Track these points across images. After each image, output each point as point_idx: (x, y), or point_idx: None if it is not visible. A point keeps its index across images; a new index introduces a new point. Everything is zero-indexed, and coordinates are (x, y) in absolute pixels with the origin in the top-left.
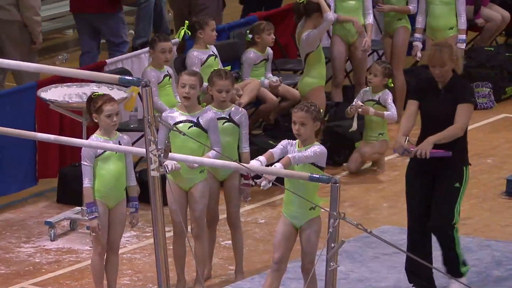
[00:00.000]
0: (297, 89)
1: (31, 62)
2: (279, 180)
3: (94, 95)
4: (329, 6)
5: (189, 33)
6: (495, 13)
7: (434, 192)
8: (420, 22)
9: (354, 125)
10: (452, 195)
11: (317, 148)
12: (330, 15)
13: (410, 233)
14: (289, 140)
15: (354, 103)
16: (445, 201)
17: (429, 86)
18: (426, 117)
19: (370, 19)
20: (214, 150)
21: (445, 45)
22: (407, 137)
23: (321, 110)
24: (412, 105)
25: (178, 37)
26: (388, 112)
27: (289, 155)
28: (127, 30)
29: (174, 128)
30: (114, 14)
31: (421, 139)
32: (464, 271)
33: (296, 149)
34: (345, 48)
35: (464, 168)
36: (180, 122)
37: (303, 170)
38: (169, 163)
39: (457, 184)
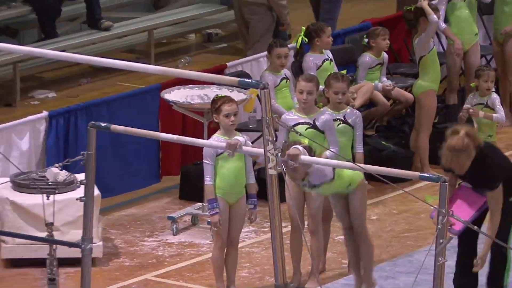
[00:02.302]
0: (410, 91)
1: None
2: (388, 178)
3: (216, 97)
4: (436, 9)
5: (306, 40)
6: None
7: None
8: None
9: (476, 126)
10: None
11: None
12: (435, 17)
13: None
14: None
15: (464, 107)
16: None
17: None
18: None
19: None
20: (330, 150)
21: None
22: None
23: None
24: None
25: (296, 44)
26: (496, 114)
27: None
28: (339, 11)
29: (293, 130)
30: None
31: None
32: None
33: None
34: (460, 56)
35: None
36: (298, 124)
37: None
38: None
39: (511, 199)
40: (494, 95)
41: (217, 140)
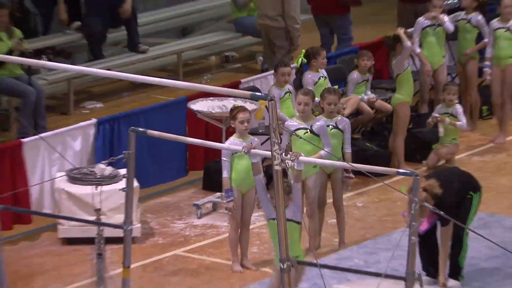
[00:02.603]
0: (389, 103)
1: (287, 60)
2: (371, 173)
3: (233, 107)
4: (410, 36)
5: (305, 60)
6: None
7: None
8: (489, 52)
9: (441, 131)
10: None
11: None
12: (408, 43)
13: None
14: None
15: (432, 115)
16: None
17: None
18: None
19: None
20: (324, 150)
21: None
22: None
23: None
24: None
25: (297, 63)
26: (459, 122)
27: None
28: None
29: (294, 134)
30: (344, 16)
31: None
32: (460, 279)
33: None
34: (429, 75)
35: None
36: (298, 129)
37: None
38: (289, 162)
39: (468, 196)
40: (458, 106)
41: (233, 141)
